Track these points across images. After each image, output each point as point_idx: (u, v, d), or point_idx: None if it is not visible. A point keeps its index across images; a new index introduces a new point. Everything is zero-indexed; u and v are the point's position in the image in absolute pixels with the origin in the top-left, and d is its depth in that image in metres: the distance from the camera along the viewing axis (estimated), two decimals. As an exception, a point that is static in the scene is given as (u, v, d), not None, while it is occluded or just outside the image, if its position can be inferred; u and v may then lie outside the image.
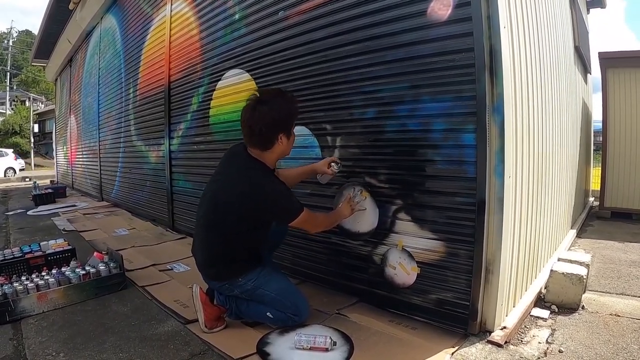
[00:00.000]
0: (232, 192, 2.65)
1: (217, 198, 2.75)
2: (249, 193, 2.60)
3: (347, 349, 2.52)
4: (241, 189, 2.62)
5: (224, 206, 2.68)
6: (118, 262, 3.70)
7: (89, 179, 10.96)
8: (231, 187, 2.67)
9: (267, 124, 2.58)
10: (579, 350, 2.55)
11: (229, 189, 2.67)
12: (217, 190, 2.77)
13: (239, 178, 2.66)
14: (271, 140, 2.65)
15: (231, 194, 2.64)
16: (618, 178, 7.47)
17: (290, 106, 2.70)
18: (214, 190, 2.80)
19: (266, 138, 2.64)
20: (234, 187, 2.65)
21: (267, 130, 2.61)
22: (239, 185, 2.63)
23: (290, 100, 2.73)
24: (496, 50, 2.47)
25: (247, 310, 2.85)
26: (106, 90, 9.02)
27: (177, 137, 5.89)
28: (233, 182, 2.67)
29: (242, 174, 2.68)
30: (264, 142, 2.66)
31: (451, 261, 2.72)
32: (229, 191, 2.67)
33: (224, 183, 2.75)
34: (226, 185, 2.71)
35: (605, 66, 7.59)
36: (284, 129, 2.66)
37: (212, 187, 2.84)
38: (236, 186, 2.64)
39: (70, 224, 6.81)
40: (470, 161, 2.57)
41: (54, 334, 2.80)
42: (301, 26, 3.55)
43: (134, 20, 7.39)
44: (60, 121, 15.32)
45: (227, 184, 2.71)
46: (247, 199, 2.60)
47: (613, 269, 4.27)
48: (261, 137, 2.64)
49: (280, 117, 2.62)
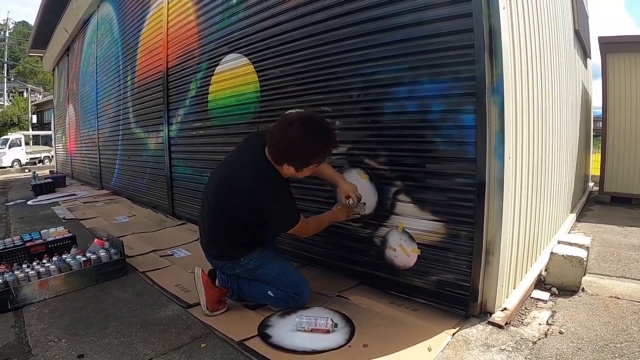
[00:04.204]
0: (241, 186, 2.61)
1: (224, 183, 2.73)
2: (258, 195, 2.57)
3: (348, 330, 2.54)
4: (246, 183, 2.59)
5: (231, 192, 2.67)
6: (118, 248, 3.70)
7: (89, 167, 10.95)
8: (242, 182, 2.61)
9: (281, 148, 2.51)
10: (579, 331, 2.55)
11: (238, 183, 2.63)
12: (226, 176, 2.73)
13: (250, 175, 2.61)
14: (279, 161, 2.58)
15: (241, 188, 2.62)
16: (618, 163, 7.47)
17: (317, 149, 2.52)
18: (222, 175, 2.78)
19: (277, 156, 2.57)
20: (243, 183, 2.60)
21: (279, 152, 2.54)
22: (249, 183, 2.59)
23: (325, 142, 2.55)
24: (495, 31, 2.45)
25: (249, 290, 2.86)
26: (104, 78, 8.98)
27: (175, 123, 5.87)
28: (243, 176, 2.62)
29: (254, 171, 2.61)
30: (275, 156, 2.59)
31: (452, 242, 2.72)
32: (237, 183, 2.63)
33: (235, 172, 2.69)
34: (237, 175, 2.65)
35: (605, 51, 7.57)
36: (295, 164, 2.56)
37: (221, 172, 2.81)
38: (246, 182, 2.60)
39: (70, 212, 6.81)
40: (470, 142, 2.56)
41: (55, 320, 2.81)
42: (299, 9, 3.52)
43: (131, 6, 7.33)
44: (58, 111, 15.28)
45: (238, 173, 2.66)
46: (257, 198, 2.58)
47: (613, 252, 4.27)
48: (273, 152, 2.57)
49: (298, 153, 2.50)
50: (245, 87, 4.28)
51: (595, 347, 2.37)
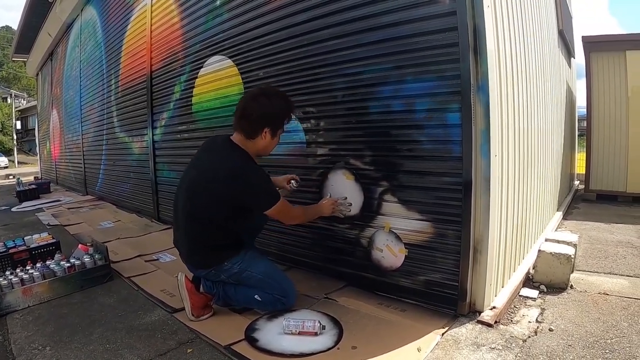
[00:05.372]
0: (213, 176, 2.62)
1: (196, 185, 2.71)
2: (231, 175, 2.58)
3: (336, 332, 2.51)
4: (224, 172, 2.60)
5: (205, 192, 2.65)
6: (103, 253, 3.64)
7: (73, 173, 10.82)
8: (212, 171, 2.64)
9: (260, 113, 2.66)
10: (569, 328, 2.55)
11: (210, 174, 2.64)
12: (197, 177, 2.73)
13: (220, 161, 2.66)
14: (257, 131, 2.69)
15: (212, 179, 2.62)
16: (603, 161, 7.53)
17: (286, 107, 2.77)
18: (192, 178, 2.76)
19: (254, 126, 2.68)
20: (215, 172, 2.62)
21: (257, 119, 2.66)
22: (221, 169, 2.61)
23: (288, 103, 2.80)
24: (480, 30, 2.45)
25: (235, 295, 2.82)
26: (88, 82, 8.89)
27: (160, 126, 5.82)
28: (214, 166, 2.66)
29: (224, 157, 2.68)
30: (251, 129, 2.69)
31: (439, 242, 2.71)
32: (209, 176, 2.64)
33: (204, 169, 2.72)
34: (207, 171, 2.68)
35: (589, 50, 7.67)
36: (272, 125, 2.71)
37: (189, 175, 2.80)
38: (218, 170, 2.62)
39: (54, 218, 6.73)
40: (456, 140, 2.55)
41: (40, 328, 2.75)
42: (282, 10, 3.51)
43: (114, 10, 7.27)
44: (42, 116, 15.12)
45: (207, 170, 2.68)
46: (230, 179, 2.57)
47: (600, 249, 4.29)
48: (251, 123, 2.68)
49: (273, 112, 2.70)
50: (229, 89, 4.25)
51: (586, 343, 2.36)
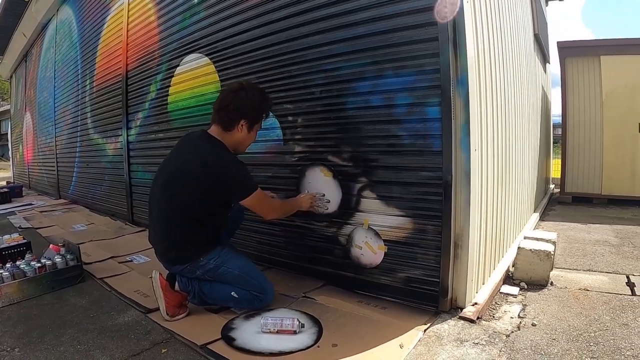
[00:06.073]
0: (189, 168, 2.61)
1: (172, 179, 2.67)
2: (207, 163, 2.57)
3: (316, 330, 2.46)
4: (199, 161, 2.59)
5: (181, 186, 2.61)
6: (75, 254, 3.54)
7: (46, 176, 10.57)
8: (187, 163, 2.64)
9: (237, 105, 2.69)
10: (552, 323, 2.55)
11: (185, 166, 2.64)
12: (172, 172, 2.70)
13: (195, 153, 2.66)
14: (233, 122, 2.71)
15: (188, 171, 2.61)
16: (578, 163, 7.68)
17: (263, 101, 2.80)
18: (166, 176, 2.73)
19: (231, 117, 2.70)
20: (191, 163, 2.62)
21: (233, 110, 2.69)
22: (196, 159, 2.61)
23: (265, 97, 2.84)
24: (459, 24, 2.46)
25: (211, 292, 2.77)
26: (62, 83, 8.71)
27: (135, 127, 5.71)
28: (189, 158, 2.67)
29: (199, 148, 2.69)
30: (228, 121, 2.71)
31: (419, 237, 2.68)
32: (185, 168, 2.63)
33: (178, 164, 2.71)
34: (182, 164, 2.68)
35: (564, 55, 7.85)
36: (248, 117, 2.73)
37: (165, 172, 2.77)
38: (193, 161, 2.61)
39: (26, 221, 6.55)
40: (436, 134, 2.54)
41: (8, 329, 2.65)
42: (259, 7, 3.49)
43: (90, 9, 7.14)
44: (15, 120, 14.78)
45: (183, 162, 2.68)
46: (206, 168, 2.56)
47: (578, 247, 4.33)
48: (228, 114, 2.69)
49: (250, 105, 2.73)
50: (206, 88, 4.20)
51: (570, 337, 2.36)
